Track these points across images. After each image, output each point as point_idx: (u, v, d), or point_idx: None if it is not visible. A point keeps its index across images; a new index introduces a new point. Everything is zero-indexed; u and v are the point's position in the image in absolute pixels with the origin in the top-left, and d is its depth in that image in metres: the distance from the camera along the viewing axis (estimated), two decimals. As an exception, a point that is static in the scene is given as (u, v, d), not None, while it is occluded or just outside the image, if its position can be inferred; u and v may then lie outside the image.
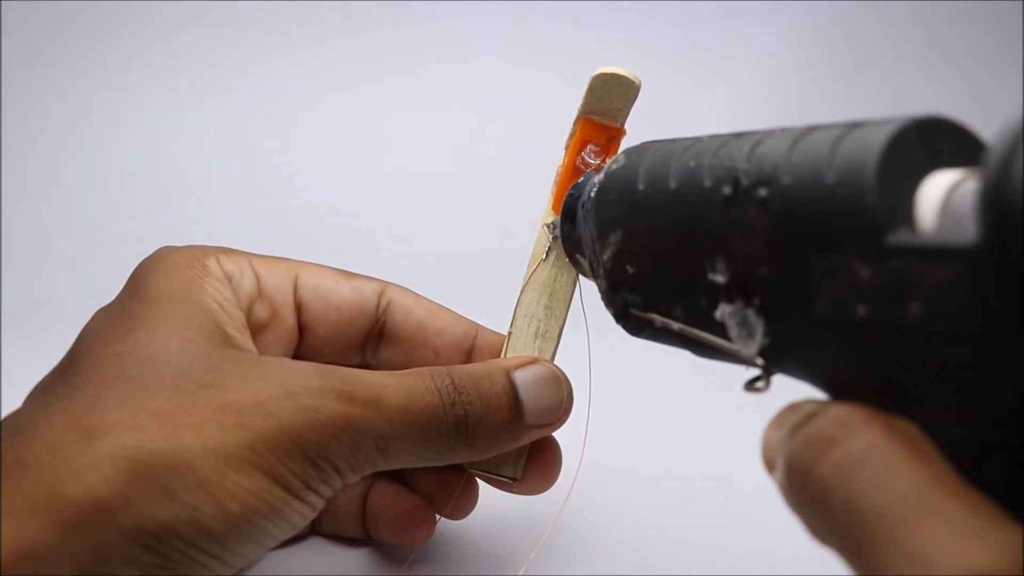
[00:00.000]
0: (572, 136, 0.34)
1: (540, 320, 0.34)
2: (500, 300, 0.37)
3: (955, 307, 0.16)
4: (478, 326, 0.36)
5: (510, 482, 0.34)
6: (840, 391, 0.20)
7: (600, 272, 0.28)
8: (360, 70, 0.83)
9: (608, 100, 0.33)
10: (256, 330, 0.32)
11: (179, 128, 0.80)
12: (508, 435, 0.31)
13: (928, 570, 0.16)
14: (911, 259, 0.17)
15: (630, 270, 0.26)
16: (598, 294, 0.29)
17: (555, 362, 0.34)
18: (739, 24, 0.87)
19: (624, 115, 0.34)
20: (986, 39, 0.84)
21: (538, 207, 0.34)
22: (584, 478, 0.37)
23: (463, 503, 0.36)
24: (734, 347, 0.22)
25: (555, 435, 0.34)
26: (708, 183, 0.22)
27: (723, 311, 0.22)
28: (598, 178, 0.28)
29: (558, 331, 0.34)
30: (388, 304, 0.35)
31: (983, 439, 0.17)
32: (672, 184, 0.24)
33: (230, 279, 0.31)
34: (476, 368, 0.31)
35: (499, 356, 0.34)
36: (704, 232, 0.22)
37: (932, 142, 0.18)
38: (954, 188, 0.17)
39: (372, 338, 0.35)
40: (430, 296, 0.36)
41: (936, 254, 0.16)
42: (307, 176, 0.80)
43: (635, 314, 0.26)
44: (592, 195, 0.28)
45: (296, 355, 0.34)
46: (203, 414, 0.25)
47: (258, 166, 0.80)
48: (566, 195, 0.32)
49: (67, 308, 0.44)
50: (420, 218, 0.77)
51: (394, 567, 0.36)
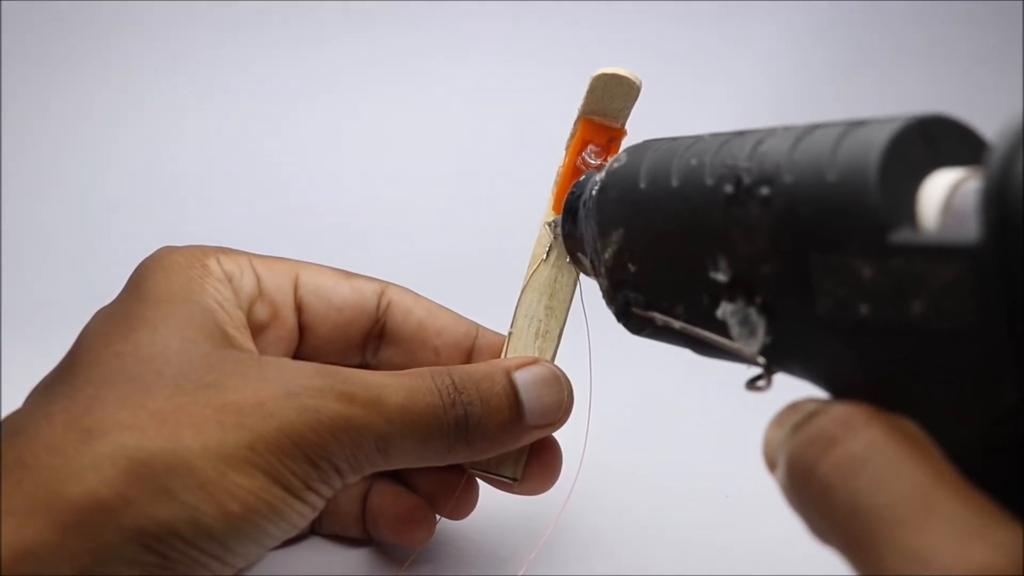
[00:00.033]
0: (572, 136, 0.34)
1: (540, 320, 0.34)
2: (500, 300, 0.37)
3: (957, 306, 0.16)
4: (478, 326, 0.36)
5: (510, 482, 0.34)
6: (841, 390, 0.20)
7: (601, 270, 0.28)
8: (360, 70, 0.83)
9: (609, 100, 0.33)
10: (256, 330, 0.32)
11: (179, 128, 0.80)
12: (508, 435, 0.31)
13: (929, 570, 0.16)
14: (913, 258, 0.17)
15: (632, 268, 0.26)
16: (599, 294, 0.29)
17: (555, 362, 0.34)
18: (739, 24, 0.87)
19: (625, 115, 0.34)
20: (986, 39, 0.84)
21: (538, 207, 0.34)
22: (584, 478, 0.37)
23: (463, 503, 0.36)
24: (736, 346, 0.22)
25: (555, 435, 0.34)
26: (710, 181, 0.22)
27: (725, 310, 0.22)
28: (600, 176, 0.28)
29: (558, 331, 0.34)
30: (388, 304, 0.35)
31: (984, 438, 0.17)
32: (674, 182, 0.24)
33: (230, 279, 0.31)
34: (476, 368, 0.31)
35: (499, 356, 0.34)
36: (706, 230, 0.22)
37: (934, 141, 0.18)
38: (956, 187, 0.17)
39: (372, 338, 0.35)
40: (430, 296, 0.36)
41: (938, 253, 0.16)
42: (307, 176, 0.80)
43: (636, 312, 0.26)
44: (594, 193, 0.28)
45: (296, 355, 0.34)
46: (203, 414, 0.25)
47: (258, 166, 0.80)
48: (568, 193, 0.32)
49: (67, 308, 0.44)
50: (420, 218, 0.77)
51: (394, 567, 0.36)
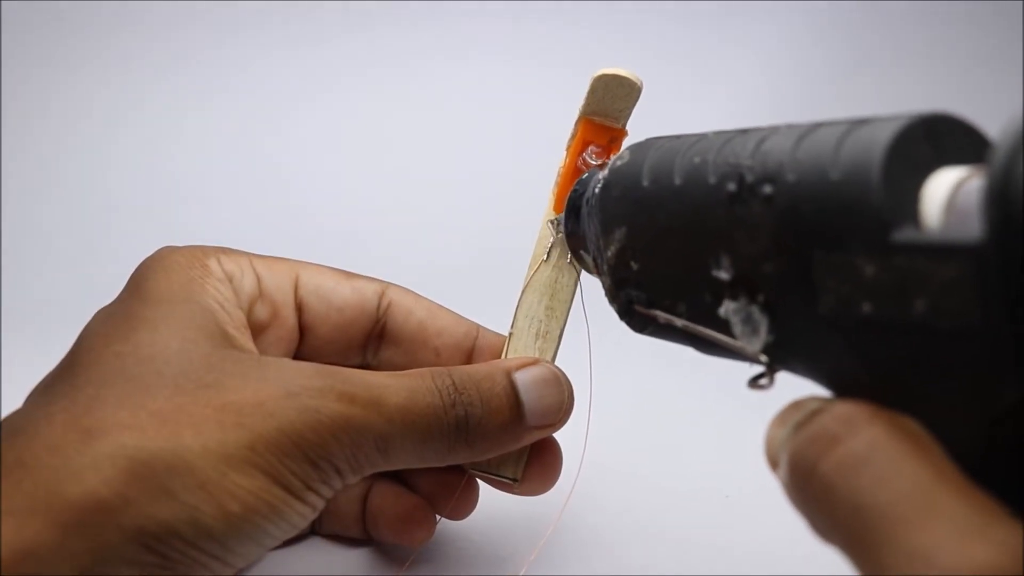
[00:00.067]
0: (573, 137, 0.34)
1: (541, 321, 0.34)
2: (501, 301, 0.37)
3: (959, 304, 0.16)
4: (479, 327, 0.36)
5: (511, 483, 0.34)
6: (844, 388, 0.20)
7: (604, 268, 0.28)
8: (360, 70, 0.83)
9: (610, 101, 0.33)
10: (257, 330, 0.32)
11: (179, 128, 0.80)
12: (509, 436, 0.31)
13: (931, 568, 0.16)
14: (916, 256, 0.17)
15: (634, 266, 0.26)
16: (599, 294, 0.29)
17: (556, 363, 0.34)
18: (739, 24, 0.87)
19: (625, 116, 0.34)
20: (986, 39, 0.85)
21: (539, 208, 0.34)
22: (584, 479, 0.37)
23: (463, 503, 0.36)
24: (738, 344, 0.22)
25: (556, 436, 0.34)
26: (713, 180, 0.22)
27: (727, 308, 0.22)
28: (602, 174, 0.28)
29: (559, 332, 0.34)
30: (389, 305, 0.35)
31: (986, 436, 0.17)
32: (676, 180, 0.23)
33: (231, 279, 0.31)
34: (477, 369, 0.31)
35: (500, 357, 0.34)
36: (708, 229, 0.22)
37: (938, 139, 0.18)
38: (959, 185, 0.17)
39: (373, 339, 0.35)
40: (431, 297, 0.36)
41: (941, 251, 0.16)
42: (307, 176, 0.80)
43: (639, 310, 0.26)
44: (596, 191, 0.28)
45: (297, 355, 0.34)
46: (203, 414, 0.25)
47: (258, 166, 0.80)
48: (571, 191, 0.32)
49: (67, 308, 0.44)
50: (421, 218, 0.77)
51: (394, 567, 0.36)
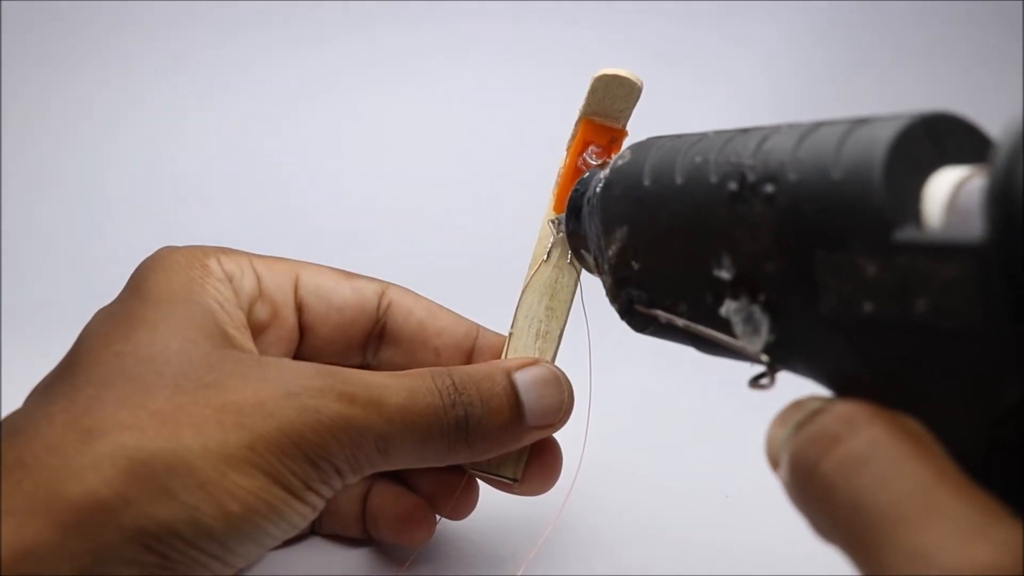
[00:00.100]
0: (574, 137, 0.34)
1: (541, 321, 0.34)
2: (501, 301, 0.37)
3: (961, 304, 0.16)
4: (479, 327, 0.36)
5: (511, 483, 0.33)
6: (845, 388, 0.20)
7: (605, 268, 0.28)
8: (360, 70, 0.83)
9: (610, 101, 0.33)
10: (257, 330, 0.32)
11: (179, 128, 0.80)
12: (509, 436, 0.31)
13: (932, 568, 0.16)
14: (917, 256, 0.17)
15: (635, 266, 0.26)
16: (599, 294, 0.29)
17: (556, 363, 0.34)
18: (739, 24, 0.87)
19: (626, 116, 0.34)
20: (986, 39, 0.85)
21: (539, 208, 0.34)
22: (584, 478, 0.37)
23: (463, 503, 0.36)
24: (739, 343, 0.22)
25: (555, 436, 0.34)
26: (714, 179, 0.22)
27: (728, 307, 0.22)
28: (603, 174, 0.28)
29: (559, 332, 0.34)
30: (389, 305, 0.35)
31: (987, 436, 0.17)
32: (678, 180, 0.23)
33: (231, 279, 0.31)
34: (477, 369, 0.31)
35: (500, 357, 0.34)
36: (710, 228, 0.22)
37: (939, 138, 0.18)
38: (961, 185, 0.17)
39: (373, 339, 0.35)
40: (431, 297, 0.36)
41: (943, 251, 0.16)
42: (307, 176, 0.80)
43: (640, 310, 0.26)
44: (597, 191, 0.28)
45: (297, 355, 0.34)
46: (203, 414, 0.25)
47: (258, 166, 0.80)
48: (572, 190, 0.32)
49: (67, 308, 0.44)
50: (421, 218, 0.77)
51: (394, 567, 0.36)
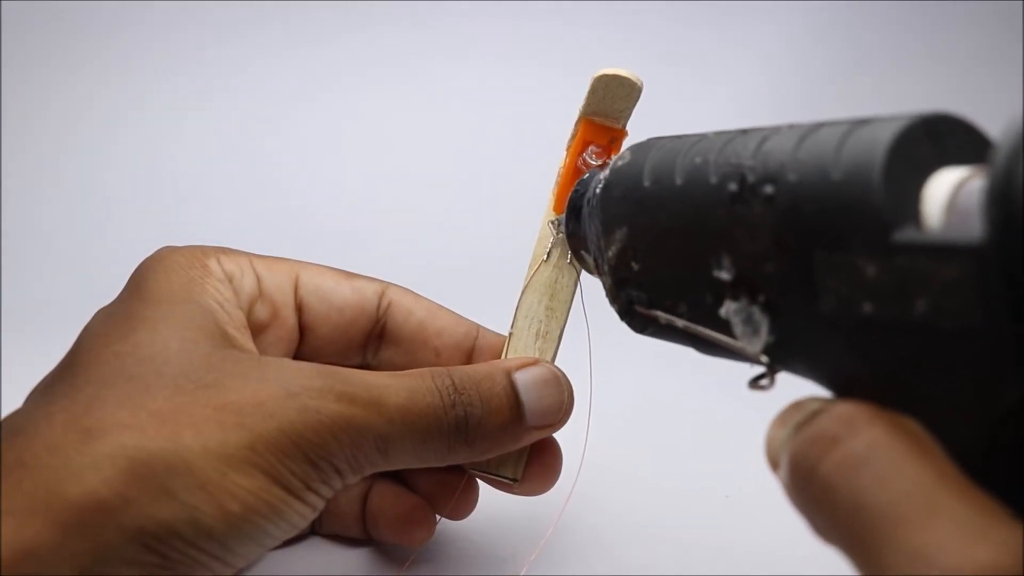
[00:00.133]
0: (573, 137, 0.34)
1: (541, 321, 0.34)
2: (501, 301, 0.37)
3: (961, 305, 0.16)
4: (479, 327, 0.36)
5: (511, 483, 0.34)
6: (844, 389, 0.20)
7: (605, 269, 0.28)
8: (360, 70, 0.83)
9: (610, 101, 0.33)
10: (257, 330, 0.32)
11: (179, 128, 0.80)
12: (508, 436, 0.31)
13: (932, 568, 0.16)
14: (917, 256, 0.17)
15: (635, 267, 0.26)
16: (599, 294, 0.29)
17: (556, 363, 0.34)
18: (739, 24, 0.87)
19: (626, 116, 0.34)
20: (986, 39, 0.85)
21: (539, 208, 0.34)
22: (584, 479, 0.37)
23: (463, 503, 0.36)
24: (738, 344, 0.22)
25: (556, 436, 0.34)
26: (714, 180, 0.22)
27: (728, 308, 0.22)
28: (603, 175, 0.28)
29: (559, 332, 0.34)
30: (389, 305, 0.35)
31: (987, 437, 0.17)
32: (678, 181, 0.23)
33: (231, 279, 0.31)
34: (477, 369, 0.31)
35: (500, 357, 0.34)
36: (710, 229, 0.22)
37: (939, 139, 0.18)
38: (961, 185, 0.17)
39: (373, 339, 0.35)
40: (431, 297, 0.36)
41: (942, 251, 0.16)
42: (307, 176, 0.80)
43: (640, 311, 0.26)
44: (597, 191, 0.28)
45: (297, 355, 0.34)
46: (203, 414, 0.25)
47: (258, 166, 0.80)
48: (571, 191, 0.32)
49: (67, 308, 0.44)
50: (421, 218, 0.77)
51: (394, 567, 0.36)
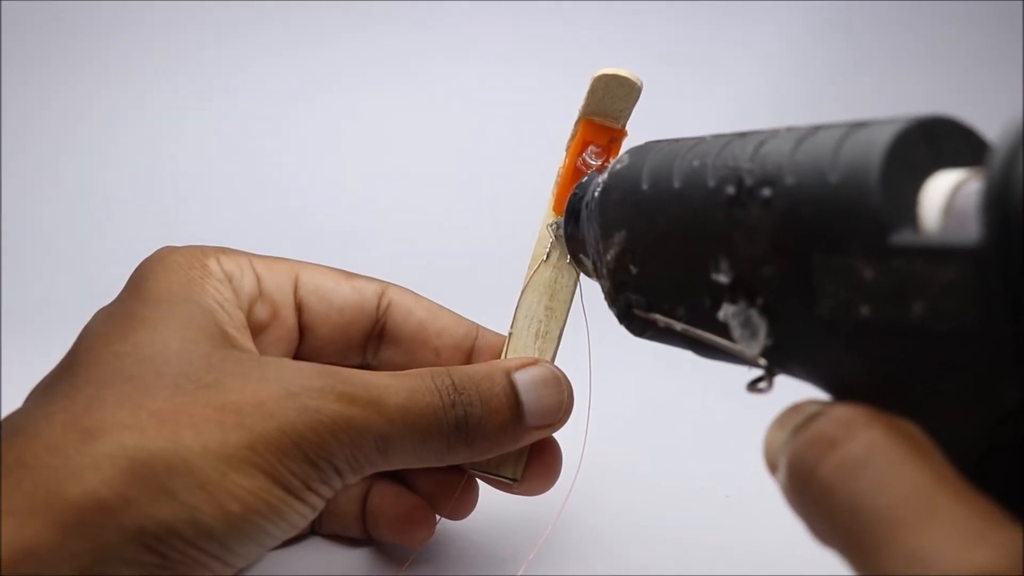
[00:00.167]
0: (573, 137, 0.34)
1: (541, 321, 0.34)
2: (500, 301, 0.37)
3: (958, 307, 0.16)
4: (479, 327, 0.36)
5: (510, 483, 0.34)
6: (843, 391, 0.20)
7: (603, 272, 0.28)
8: (360, 70, 0.83)
9: (609, 101, 0.33)
10: (256, 330, 0.32)
11: (179, 128, 0.80)
12: (508, 436, 0.31)
13: (930, 571, 0.16)
14: (914, 259, 0.17)
15: (633, 270, 0.26)
16: (599, 295, 0.29)
17: (555, 363, 0.34)
18: (739, 24, 0.87)
19: (625, 116, 0.34)
20: (986, 39, 0.84)
21: (539, 208, 0.34)
22: (584, 478, 0.37)
23: (463, 503, 0.36)
24: (737, 348, 0.22)
25: (555, 436, 0.34)
26: (712, 183, 0.22)
27: (726, 311, 0.22)
28: (602, 178, 0.28)
29: (558, 332, 0.34)
30: (389, 305, 0.35)
31: (985, 439, 0.17)
32: (676, 184, 0.23)
33: (230, 279, 0.31)
34: (476, 369, 0.31)
35: (499, 357, 0.34)
36: (708, 232, 0.22)
37: (936, 142, 0.18)
38: (958, 188, 0.17)
39: (373, 339, 0.35)
40: (431, 297, 0.36)
41: (939, 254, 0.16)
42: (307, 176, 0.80)
43: (638, 314, 0.26)
44: (596, 195, 0.28)
45: (296, 355, 0.34)
46: (203, 414, 0.25)
47: (258, 166, 0.80)
48: (570, 195, 0.32)
49: (67, 308, 0.44)
50: (420, 218, 0.77)
51: (394, 567, 0.36)
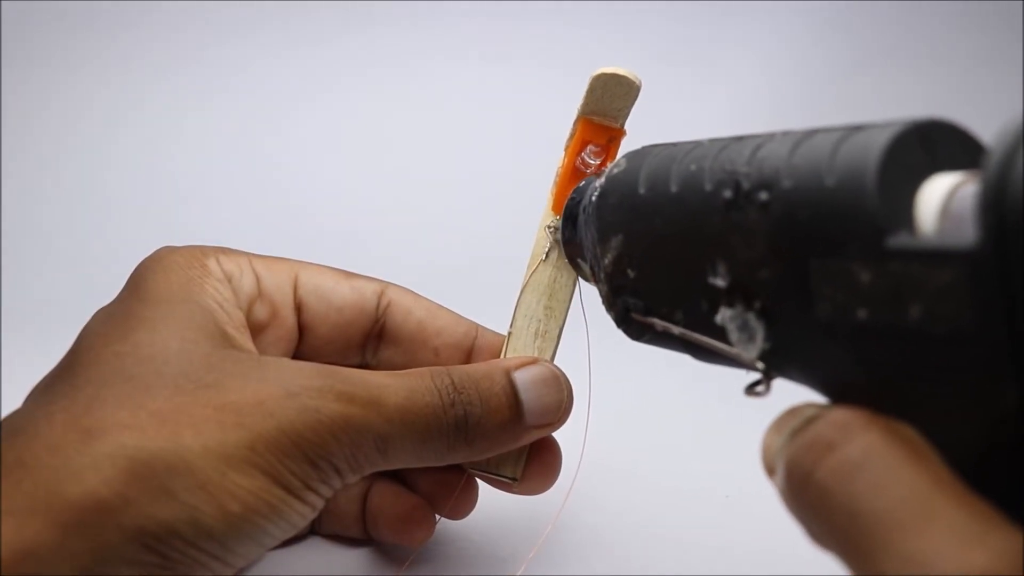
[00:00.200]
0: (572, 136, 0.34)
1: (540, 320, 0.34)
2: (500, 300, 0.37)
3: (955, 309, 0.16)
4: (478, 326, 0.36)
5: (510, 482, 0.34)
6: (840, 395, 0.20)
7: (601, 276, 0.28)
8: (360, 70, 0.83)
9: (608, 100, 0.33)
10: (256, 330, 0.32)
11: (179, 128, 0.80)
12: (508, 435, 0.31)
13: (928, 573, 0.16)
14: (911, 262, 0.17)
15: (631, 274, 0.26)
16: (599, 297, 0.29)
17: (555, 362, 0.34)
18: (739, 24, 0.86)
19: (624, 115, 0.34)
20: (986, 39, 0.84)
21: (538, 208, 0.34)
22: (584, 478, 0.37)
23: (463, 503, 0.36)
24: (735, 351, 0.22)
25: (555, 435, 0.34)
26: (709, 187, 0.22)
27: (724, 315, 0.22)
28: (599, 182, 0.28)
29: (558, 331, 0.34)
30: (388, 304, 0.35)
31: (983, 442, 0.17)
32: (673, 188, 0.24)
33: (230, 279, 0.31)
34: (476, 368, 0.31)
35: (499, 356, 0.34)
36: (705, 236, 0.22)
37: (932, 145, 0.18)
38: (954, 191, 0.17)
39: (372, 338, 0.35)
40: (430, 296, 0.36)
41: (936, 257, 0.16)
42: (307, 176, 0.80)
43: (636, 318, 0.26)
44: (593, 199, 0.28)
45: (296, 355, 0.34)
46: (203, 414, 0.25)
47: (258, 166, 0.80)
48: (568, 199, 0.32)
49: (67, 308, 0.44)
50: (420, 218, 0.77)
51: (394, 567, 0.36)
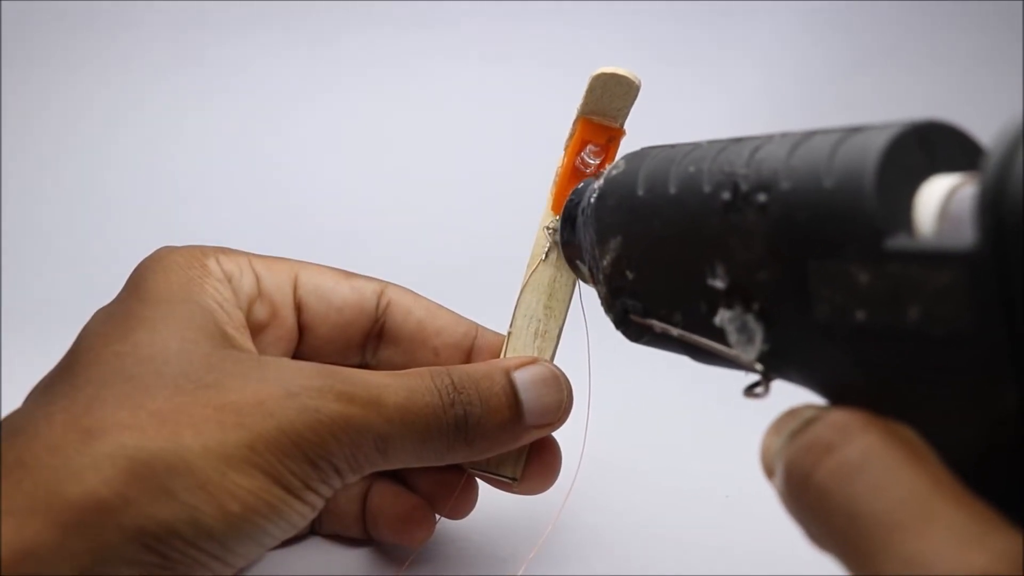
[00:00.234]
0: (572, 136, 0.34)
1: (540, 320, 0.34)
2: (500, 300, 0.37)
3: (953, 311, 0.16)
4: (478, 326, 0.36)
5: (510, 482, 0.34)
6: (839, 396, 0.20)
7: (600, 278, 0.28)
8: (360, 70, 0.83)
9: (608, 100, 0.33)
10: (256, 330, 0.32)
11: (179, 128, 0.80)
12: (508, 435, 0.31)
13: (927, 575, 0.16)
14: (909, 263, 0.17)
15: (630, 276, 0.26)
16: (598, 298, 0.29)
17: (555, 362, 0.34)
18: (739, 24, 0.86)
19: (624, 115, 0.34)
20: (986, 39, 0.84)
21: (538, 207, 0.34)
22: (584, 478, 0.37)
23: (463, 503, 0.36)
24: (733, 353, 0.22)
25: (555, 435, 0.34)
26: (707, 188, 0.22)
27: (722, 317, 0.22)
28: (598, 184, 0.28)
29: (558, 331, 0.34)
30: (388, 304, 0.35)
31: (982, 443, 0.17)
32: (672, 189, 0.24)
33: (230, 279, 0.31)
34: (476, 368, 0.31)
35: (499, 356, 0.34)
36: (703, 237, 0.22)
37: (931, 147, 0.18)
38: (952, 192, 0.17)
39: (372, 338, 0.35)
40: (430, 296, 0.36)
41: (934, 258, 0.16)
42: (307, 176, 0.80)
43: (635, 320, 0.26)
44: (592, 201, 0.28)
45: (296, 355, 0.34)
46: (203, 414, 0.25)
47: (258, 166, 0.80)
48: (566, 201, 0.32)
49: (67, 308, 0.44)
50: (420, 218, 0.77)
51: (394, 567, 0.36)
